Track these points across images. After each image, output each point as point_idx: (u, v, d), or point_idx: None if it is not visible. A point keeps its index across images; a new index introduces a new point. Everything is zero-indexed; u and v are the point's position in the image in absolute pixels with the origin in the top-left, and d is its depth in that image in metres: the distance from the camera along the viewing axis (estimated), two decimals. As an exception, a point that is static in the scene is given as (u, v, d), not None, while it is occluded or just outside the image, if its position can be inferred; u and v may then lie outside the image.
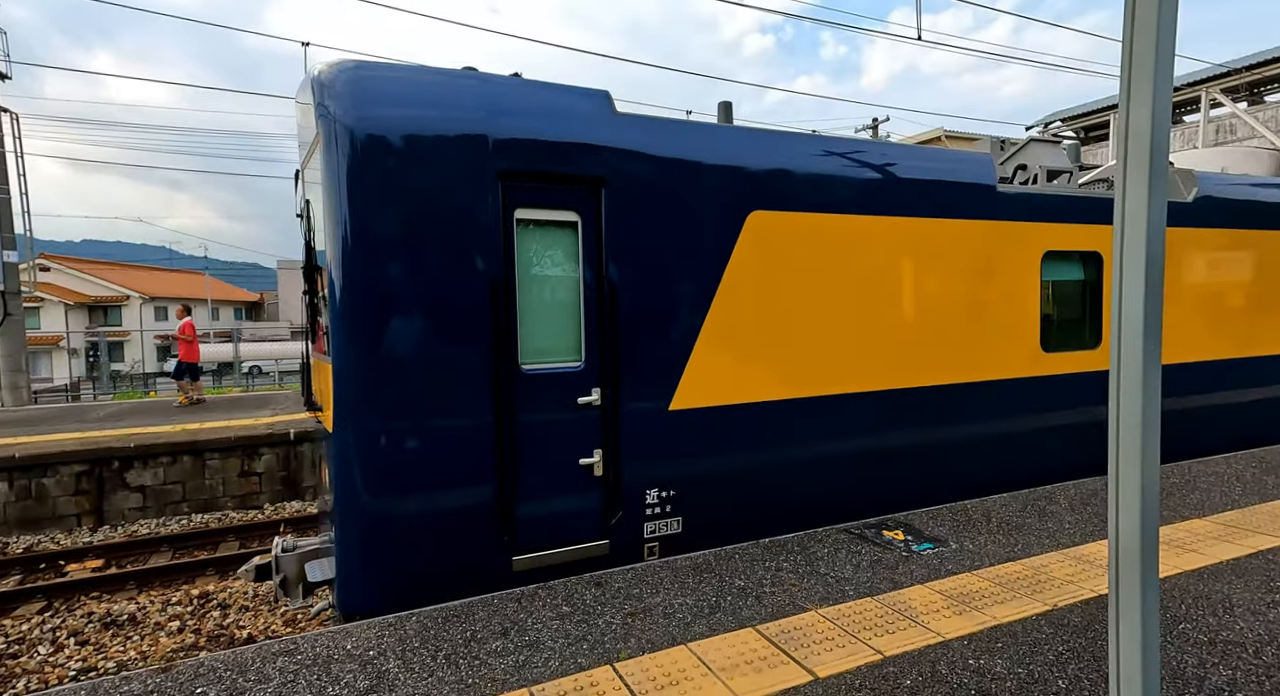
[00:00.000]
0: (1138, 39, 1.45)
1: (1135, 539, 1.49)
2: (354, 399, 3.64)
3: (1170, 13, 1.42)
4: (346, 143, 3.52)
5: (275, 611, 6.78)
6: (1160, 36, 1.43)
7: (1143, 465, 1.46)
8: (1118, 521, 1.52)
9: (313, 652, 3.16)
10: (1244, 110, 19.62)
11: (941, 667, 2.90)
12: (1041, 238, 5.51)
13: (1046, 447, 5.68)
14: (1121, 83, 1.52)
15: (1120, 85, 1.53)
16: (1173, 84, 1.53)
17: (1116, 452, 1.49)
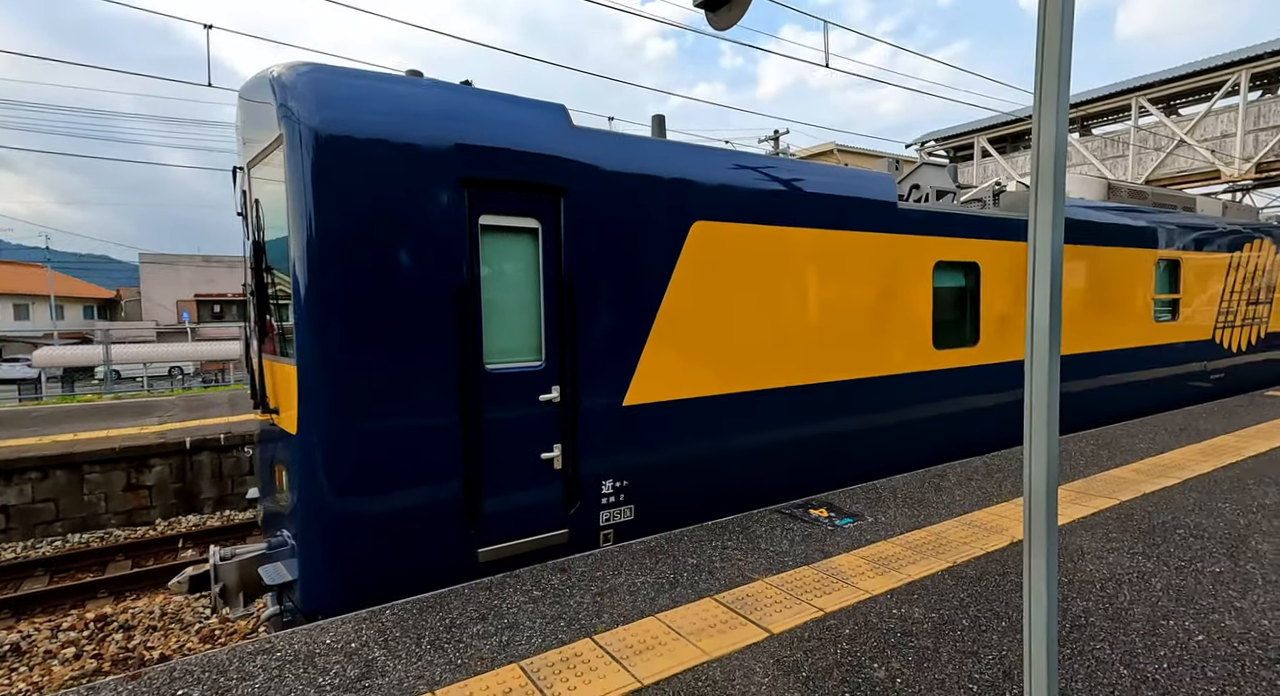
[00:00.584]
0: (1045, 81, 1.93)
1: (1043, 489, 1.98)
2: (320, 400, 3.67)
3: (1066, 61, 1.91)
4: (313, 144, 3.55)
5: (189, 628, 6.42)
6: (1060, 83, 1.91)
7: (1048, 432, 1.94)
8: (1030, 477, 2.01)
9: (291, 649, 3.19)
10: (1076, 140, 22.66)
11: (872, 618, 3.41)
12: (933, 249, 6.33)
13: (939, 432, 6.52)
14: (1035, 121, 2.00)
15: (1034, 124, 2.02)
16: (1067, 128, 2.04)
17: (1030, 424, 1.97)
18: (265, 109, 3.86)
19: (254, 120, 4.15)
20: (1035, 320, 1.95)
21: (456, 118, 3.97)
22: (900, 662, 2.99)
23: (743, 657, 3.06)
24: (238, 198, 4.55)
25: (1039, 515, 2.00)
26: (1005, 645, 3.12)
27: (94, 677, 5.62)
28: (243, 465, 10.14)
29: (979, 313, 6.78)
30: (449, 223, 3.89)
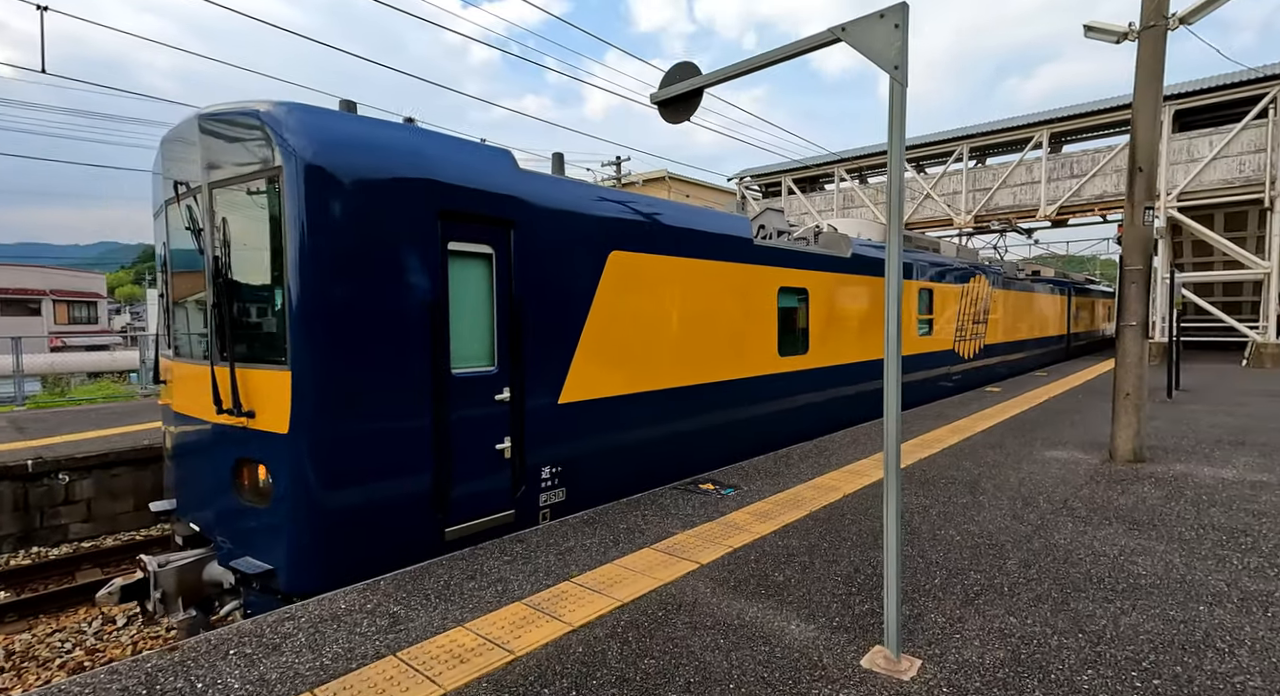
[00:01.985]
0: (892, 149, 3.32)
1: (894, 447, 3.35)
2: (311, 404, 4.12)
3: (900, 136, 3.31)
4: (314, 176, 4.04)
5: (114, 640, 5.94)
6: (897, 150, 3.31)
7: (896, 410, 3.32)
8: (891, 439, 3.38)
9: (315, 613, 3.67)
10: (857, 187, 27.40)
11: (765, 548, 4.71)
12: (777, 277, 8.04)
13: (783, 422, 8.22)
14: (889, 183, 3.39)
15: (888, 186, 3.41)
16: (904, 195, 3.45)
17: (891, 403, 3.33)
18: (249, 139, 4.22)
19: (224, 147, 4.42)
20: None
21: (431, 158, 4.65)
22: (790, 571, 4.30)
23: (686, 580, 4.16)
24: (185, 213, 4.71)
25: (891, 463, 3.37)
26: (852, 555, 4.57)
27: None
28: (55, 495, 9.04)
29: (809, 327, 8.66)
30: (426, 247, 4.56)
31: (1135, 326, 7.03)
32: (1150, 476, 6.57)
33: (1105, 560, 4.42)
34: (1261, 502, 5.67)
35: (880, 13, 3.08)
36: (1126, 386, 7.09)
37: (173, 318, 5.22)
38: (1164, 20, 6.88)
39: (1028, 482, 6.38)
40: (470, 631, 3.51)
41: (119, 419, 11.98)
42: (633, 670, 3.12)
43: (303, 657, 3.24)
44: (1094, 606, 3.73)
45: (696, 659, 3.21)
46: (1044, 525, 5.14)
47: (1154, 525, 5.12)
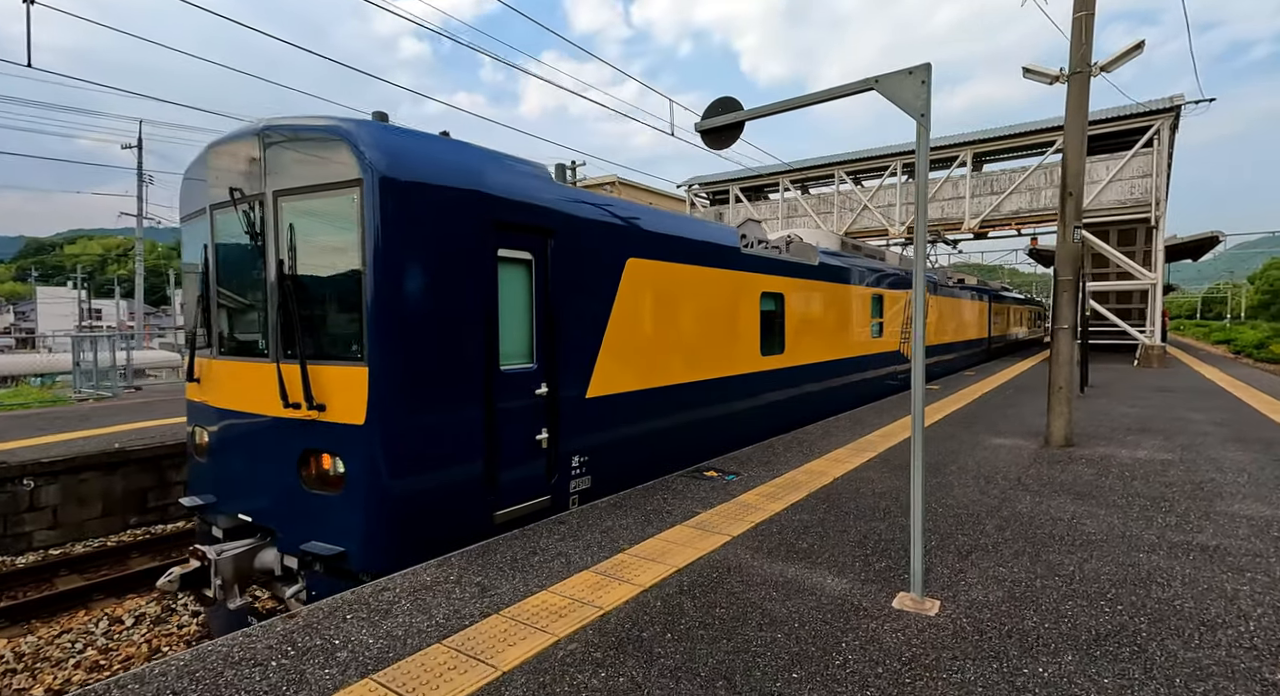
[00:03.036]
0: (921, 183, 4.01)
1: (920, 428, 4.05)
2: (386, 397, 4.44)
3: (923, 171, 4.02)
4: (390, 188, 4.38)
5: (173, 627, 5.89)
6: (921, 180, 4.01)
7: (921, 396, 4.02)
8: (915, 422, 4.08)
9: (406, 585, 4.03)
10: (800, 197, 28.86)
11: (783, 522, 5.35)
12: (760, 283, 8.76)
13: (765, 415, 8.95)
14: (916, 215, 4.09)
15: (916, 218, 4.11)
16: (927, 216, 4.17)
17: (916, 387, 4.02)
18: (327, 152, 4.50)
19: (295, 158, 4.67)
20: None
21: (485, 172, 5.05)
22: (810, 540, 4.96)
23: (725, 549, 4.74)
24: (243, 219, 4.91)
25: (917, 434, 4.08)
26: (857, 526, 5.28)
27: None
28: (19, 502, 8.68)
29: (784, 329, 9.44)
30: (482, 253, 4.95)
31: (1066, 329, 8.16)
32: (1081, 458, 7.68)
33: (1061, 523, 5.31)
34: (1170, 476, 6.80)
35: (909, 69, 3.78)
36: (1059, 381, 8.21)
37: (216, 317, 5.36)
38: (1088, 67, 8.05)
39: (984, 465, 7.34)
40: (556, 594, 3.96)
41: (68, 424, 11.46)
42: (709, 616, 3.67)
43: (416, 619, 3.62)
44: (1061, 557, 4.57)
45: (758, 607, 3.80)
46: (1006, 498, 6.03)
47: (1092, 495, 6.11)
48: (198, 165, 5.47)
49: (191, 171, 5.58)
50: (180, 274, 5.88)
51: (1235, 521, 5.30)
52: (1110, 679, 3.03)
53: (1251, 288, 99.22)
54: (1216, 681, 3.00)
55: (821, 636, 3.45)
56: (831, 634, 3.48)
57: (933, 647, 3.33)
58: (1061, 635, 3.45)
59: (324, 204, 4.59)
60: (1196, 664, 3.15)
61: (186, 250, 5.81)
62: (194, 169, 5.53)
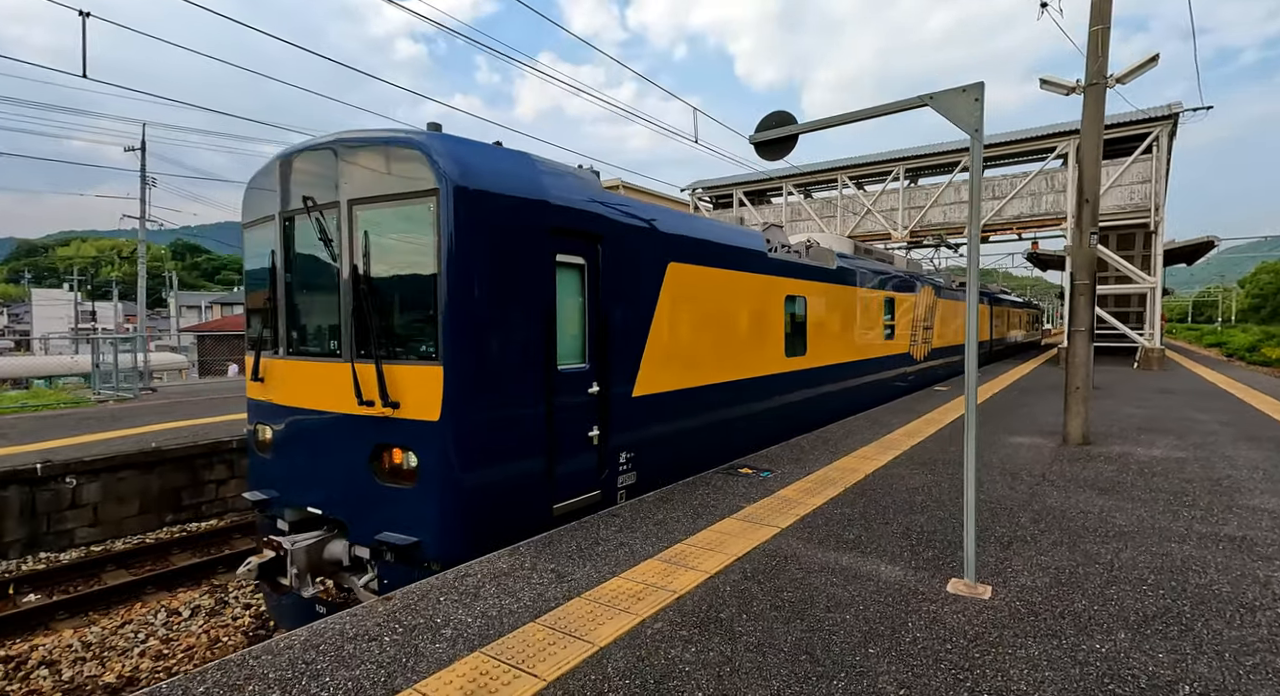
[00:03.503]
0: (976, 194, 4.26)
1: (974, 420, 4.29)
2: (460, 395, 4.66)
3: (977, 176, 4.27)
4: (464, 197, 4.60)
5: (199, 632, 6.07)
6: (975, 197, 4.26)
7: (974, 387, 4.26)
8: (969, 415, 4.32)
9: (486, 572, 4.24)
10: (803, 201, 29.18)
11: (826, 515, 5.59)
12: (784, 286, 9.01)
13: (790, 415, 9.19)
14: (969, 227, 4.34)
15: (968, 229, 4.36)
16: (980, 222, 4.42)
17: (970, 383, 4.27)
18: (404, 163, 4.72)
19: (371, 169, 4.88)
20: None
21: (544, 181, 5.28)
22: (856, 531, 5.20)
23: (777, 540, 4.98)
24: (316, 226, 5.11)
25: (970, 423, 4.32)
26: (897, 519, 5.52)
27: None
28: (62, 499, 8.84)
29: (806, 331, 9.69)
30: (542, 258, 5.18)
31: (1084, 331, 8.44)
32: (1100, 455, 7.95)
33: (1091, 516, 5.57)
34: (1188, 473, 7.08)
35: (963, 88, 4.03)
36: (1076, 381, 8.49)
37: (284, 320, 5.55)
38: (1104, 79, 8.35)
39: (1008, 462, 7.60)
40: (628, 579, 4.19)
41: (100, 424, 11.61)
42: (778, 599, 3.90)
43: (505, 601, 3.84)
44: (1097, 546, 4.83)
45: (823, 592, 4.03)
46: (1035, 493, 6.29)
47: (1117, 491, 6.37)
48: (265, 175, 5.67)
49: (258, 181, 5.78)
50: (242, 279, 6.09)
51: (1257, 514, 5.57)
52: (1164, 653, 3.28)
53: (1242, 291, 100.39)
54: (1263, 656, 3.25)
55: (887, 617, 3.69)
56: (896, 615, 3.72)
57: (993, 627, 3.57)
58: (1111, 616, 3.70)
59: (400, 212, 4.80)
60: (1242, 641, 3.40)
61: (249, 255, 6.01)
62: (261, 178, 5.73)
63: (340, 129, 5.41)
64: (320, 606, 5.34)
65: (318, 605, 5.35)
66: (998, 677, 3.06)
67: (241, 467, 10.60)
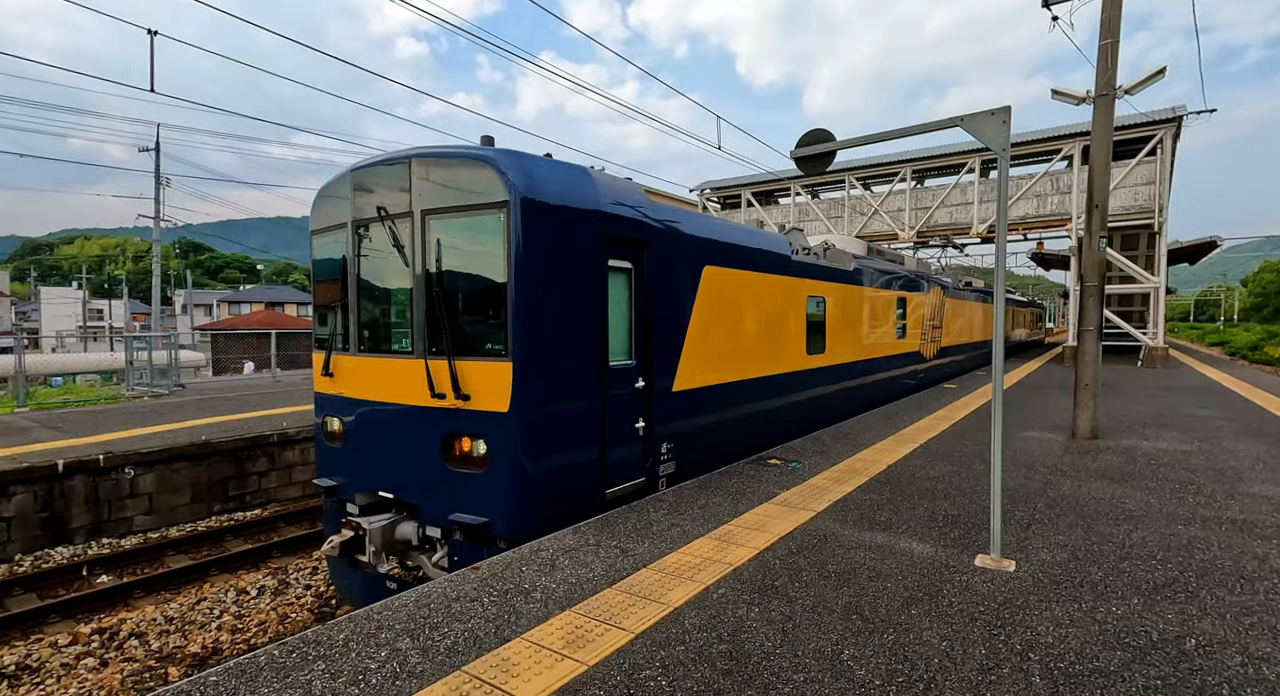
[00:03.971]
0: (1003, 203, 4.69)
1: (1000, 408, 4.73)
2: (528, 388, 5.10)
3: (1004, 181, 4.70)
4: (527, 208, 5.03)
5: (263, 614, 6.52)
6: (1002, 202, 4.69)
7: (1001, 380, 4.69)
8: (995, 404, 4.75)
9: (556, 548, 4.68)
10: (811, 201, 29.59)
11: (856, 501, 6.03)
12: (805, 287, 9.44)
13: (810, 410, 9.63)
14: (997, 237, 4.78)
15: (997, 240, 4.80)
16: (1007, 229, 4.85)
17: (997, 375, 4.70)
18: (476, 177, 5.15)
19: (444, 182, 5.31)
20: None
21: (598, 192, 5.72)
22: (886, 514, 5.63)
23: (814, 522, 5.41)
24: (389, 233, 5.55)
25: (996, 410, 4.76)
26: (922, 504, 5.95)
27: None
28: (121, 489, 9.30)
29: (825, 331, 10.13)
30: (597, 263, 5.62)
31: (1093, 330, 8.87)
32: (1108, 448, 8.38)
33: (1103, 501, 6.01)
34: (1192, 464, 7.51)
35: (991, 111, 4.46)
36: (1086, 378, 8.92)
37: (355, 320, 5.99)
38: (1113, 90, 8.77)
39: (1020, 454, 8.03)
40: (686, 554, 4.63)
41: (146, 419, 12.07)
42: (824, 571, 4.34)
43: (580, 570, 4.28)
44: (1110, 528, 5.26)
45: (863, 565, 4.47)
46: (1049, 482, 6.73)
47: (1126, 480, 6.81)
48: (338, 185, 6.11)
49: (329, 190, 6.22)
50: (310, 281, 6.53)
51: (1257, 500, 6.01)
52: (1173, 615, 3.72)
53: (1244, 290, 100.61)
54: (1260, 616, 3.69)
55: (924, 585, 4.13)
56: (932, 583, 4.16)
57: (1020, 593, 4.01)
58: (1124, 585, 4.14)
59: (471, 222, 5.24)
60: (1241, 605, 3.84)
61: (318, 260, 6.45)
62: (333, 188, 6.17)
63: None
64: (390, 583, 5.78)
65: (388, 582, 5.80)
66: (1027, 632, 3.50)
67: (281, 460, 11.07)
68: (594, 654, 3.26)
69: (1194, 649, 3.34)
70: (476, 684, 2.99)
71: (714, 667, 3.14)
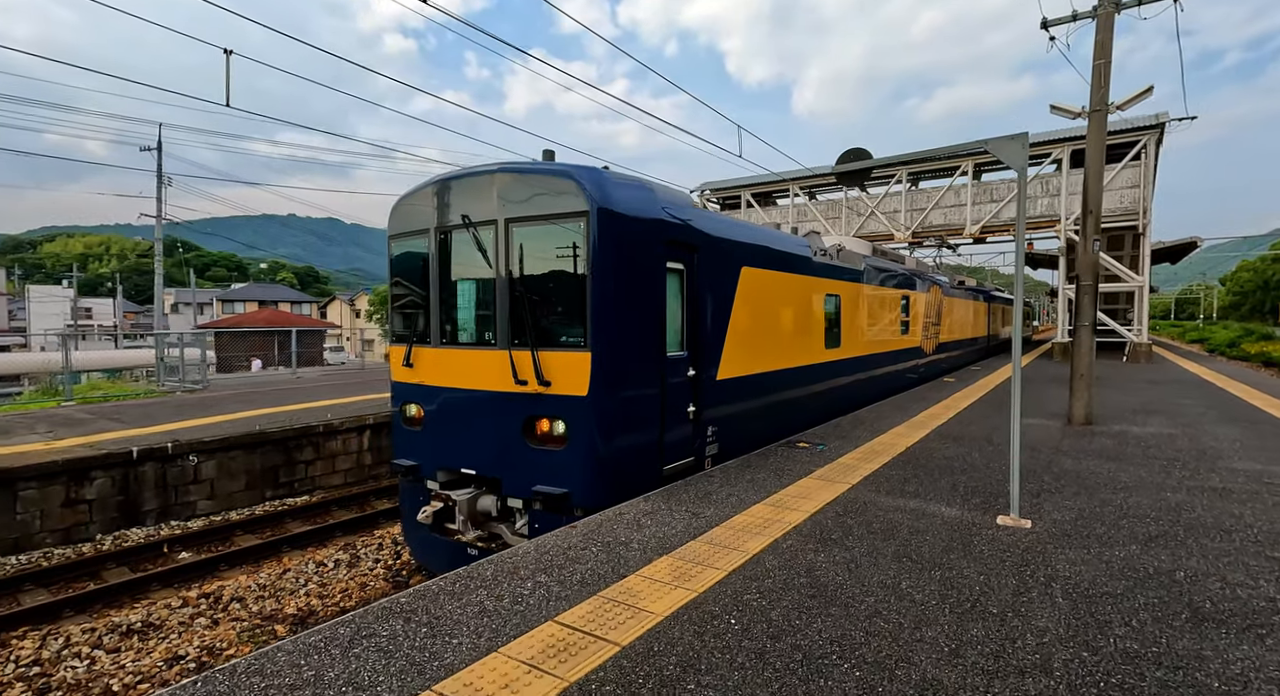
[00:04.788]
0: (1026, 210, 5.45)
1: (1019, 390, 5.50)
2: (604, 375, 5.80)
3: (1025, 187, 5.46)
4: (608, 218, 5.74)
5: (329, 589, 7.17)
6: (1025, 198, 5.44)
7: (1020, 371, 5.46)
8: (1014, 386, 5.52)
9: (635, 512, 5.40)
10: (810, 203, 30.43)
11: (885, 475, 6.78)
12: (824, 286, 10.21)
13: (828, 398, 10.41)
14: (1016, 248, 5.54)
15: (1016, 251, 5.56)
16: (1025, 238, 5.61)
17: (1015, 363, 5.46)
18: (560, 191, 5.83)
19: (528, 195, 5.99)
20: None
21: (659, 203, 6.44)
22: (914, 486, 6.40)
23: (851, 492, 6.17)
24: (473, 239, 6.23)
25: (1016, 391, 5.52)
26: (943, 478, 6.72)
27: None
28: (186, 475, 9.89)
29: (840, 326, 10.91)
30: (658, 265, 6.34)
31: (1087, 326, 9.70)
32: (1102, 433, 9.22)
33: (1101, 476, 6.81)
34: (1178, 445, 8.35)
35: (1012, 136, 5.23)
36: (1081, 369, 9.75)
37: (437, 316, 6.66)
38: (1106, 106, 9.60)
39: (1025, 438, 8.81)
40: (749, 516, 5.37)
41: (194, 411, 12.64)
42: (870, 527, 5.09)
43: (663, 529, 5.00)
44: (1108, 496, 6.06)
45: (903, 523, 5.23)
46: (1052, 461, 7.53)
47: (1119, 458, 7.63)
48: (417, 195, 6.78)
49: (409, 199, 6.88)
50: (390, 281, 7.21)
51: (1235, 473, 6.84)
52: (1166, 557, 4.50)
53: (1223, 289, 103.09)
54: (1236, 556, 4.48)
55: (958, 538, 4.89)
56: (963, 536, 4.92)
57: (1038, 543, 4.78)
58: (1124, 536, 4.92)
59: (553, 229, 5.94)
60: (1221, 550, 4.64)
61: (397, 262, 7.11)
62: (412, 198, 6.84)
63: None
64: (471, 549, 6.47)
65: (469, 549, 6.49)
66: (1048, 569, 4.27)
67: (326, 450, 11.69)
68: (700, 585, 3.99)
69: (1183, 578, 4.12)
70: (614, 604, 3.71)
71: (800, 593, 3.88)
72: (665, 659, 3.15)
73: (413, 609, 3.63)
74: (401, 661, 3.12)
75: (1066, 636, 3.39)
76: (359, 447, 12.27)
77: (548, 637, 3.35)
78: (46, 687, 5.27)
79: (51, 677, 5.42)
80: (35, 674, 5.46)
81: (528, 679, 2.97)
